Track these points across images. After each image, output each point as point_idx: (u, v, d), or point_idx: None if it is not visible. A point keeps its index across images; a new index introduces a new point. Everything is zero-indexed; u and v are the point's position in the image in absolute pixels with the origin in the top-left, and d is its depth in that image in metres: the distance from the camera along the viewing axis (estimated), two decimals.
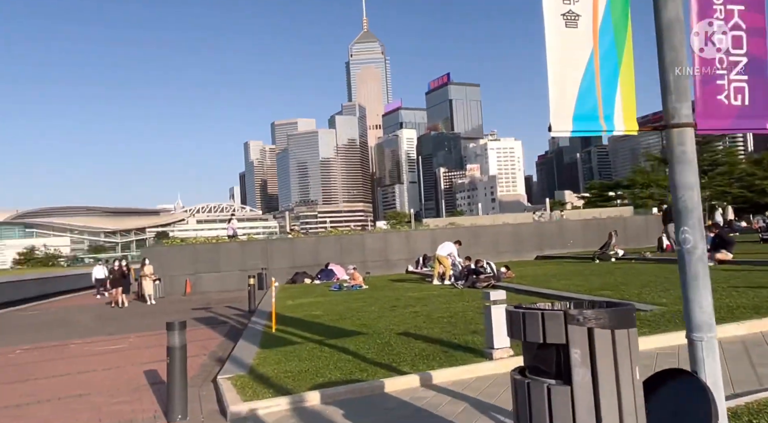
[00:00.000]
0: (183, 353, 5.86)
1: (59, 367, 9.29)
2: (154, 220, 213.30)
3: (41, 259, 78.55)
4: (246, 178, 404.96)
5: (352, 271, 19.10)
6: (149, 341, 11.47)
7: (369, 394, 5.73)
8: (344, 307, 13.20)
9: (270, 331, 10.33)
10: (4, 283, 25.70)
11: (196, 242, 25.95)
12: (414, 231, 27.15)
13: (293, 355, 7.89)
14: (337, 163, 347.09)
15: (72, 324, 16.01)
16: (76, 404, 6.70)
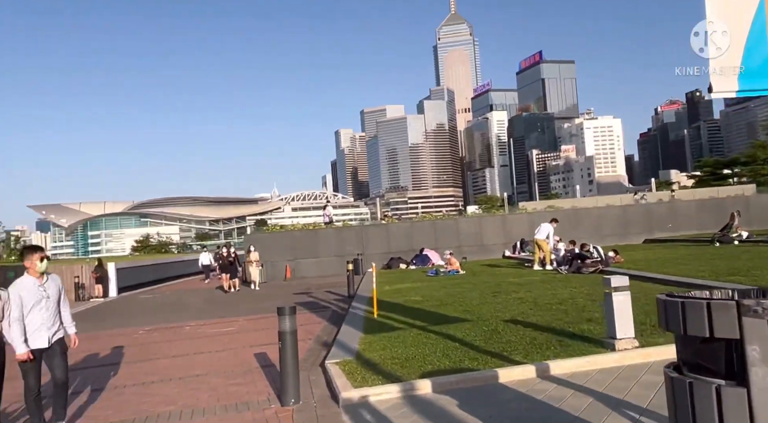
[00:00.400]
0: (294, 338, 5.90)
1: (178, 348, 9.84)
2: (253, 208, 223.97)
3: (155, 246, 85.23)
4: (337, 166, 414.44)
5: (448, 256, 18.83)
6: (257, 324, 11.91)
7: (482, 384, 5.49)
8: (444, 292, 12.99)
9: (372, 317, 10.33)
10: (125, 268, 27.90)
11: (294, 229, 26.77)
12: (510, 215, 26.37)
13: (398, 340, 7.80)
14: (426, 149, 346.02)
15: (185, 307, 17.03)
16: (196, 384, 7.00)
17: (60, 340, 5.41)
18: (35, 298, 5.17)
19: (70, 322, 5.61)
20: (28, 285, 5.21)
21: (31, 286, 5.20)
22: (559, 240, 17.37)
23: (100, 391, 7.07)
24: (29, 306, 5.14)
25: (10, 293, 5.14)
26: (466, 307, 10.26)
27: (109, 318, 15.70)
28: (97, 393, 7.01)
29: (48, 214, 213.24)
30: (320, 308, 13.76)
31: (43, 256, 5.30)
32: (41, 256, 5.28)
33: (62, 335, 5.45)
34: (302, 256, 25.24)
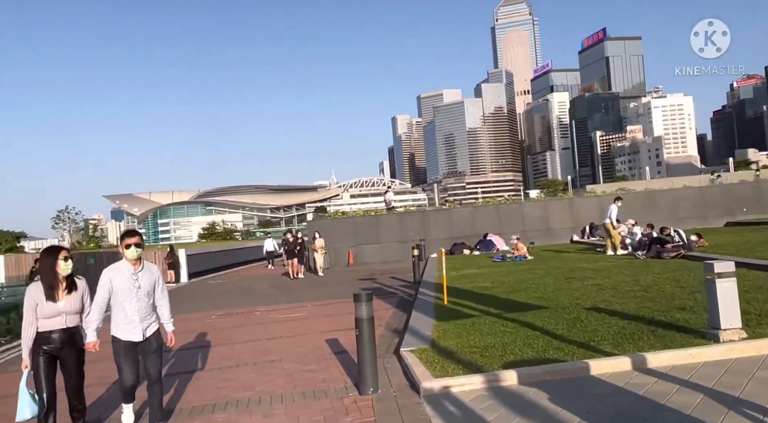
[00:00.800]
0: (371, 325, 5.72)
1: (250, 333, 9.94)
2: (313, 195, 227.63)
3: (221, 234, 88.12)
4: (394, 152, 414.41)
5: (515, 241, 18.28)
6: (325, 310, 11.91)
7: (572, 376, 5.14)
8: (513, 278, 12.56)
9: (442, 303, 10.08)
10: (195, 255, 28.82)
11: (356, 215, 26.79)
12: (578, 198, 25.33)
13: (473, 328, 7.52)
14: (484, 133, 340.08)
15: (252, 292, 17.34)
16: (271, 369, 6.99)
17: (156, 334, 5.06)
18: (126, 286, 4.81)
19: (168, 318, 5.19)
20: (121, 270, 4.86)
21: (125, 272, 4.86)
22: (634, 223, 16.48)
23: (178, 376, 7.18)
24: (119, 293, 4.81)
25: (101, 276, 4.85)
26: (541, 293, 9.83)
27: (182, 303, 16.17)
28: (176, 377, 7.12)
29: (121, 204, 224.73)
30: (387, 294, 13.63)
31: (130, 243, 4.83)
32: (130, 242, 4.84)
33: (157, 328, 5.09)
34: (364, 242, 25.25)
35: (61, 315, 4.80)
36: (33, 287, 4.83)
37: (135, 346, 4.89)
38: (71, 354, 4.90)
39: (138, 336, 4.87)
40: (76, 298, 4.89)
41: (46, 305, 4.75)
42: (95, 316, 4.85)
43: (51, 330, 4.78)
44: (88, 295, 5.01)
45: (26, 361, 4.79)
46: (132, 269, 4.88)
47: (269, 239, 30.09)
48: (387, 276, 18.45)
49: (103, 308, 4.85)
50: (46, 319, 4.77)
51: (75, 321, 4.92)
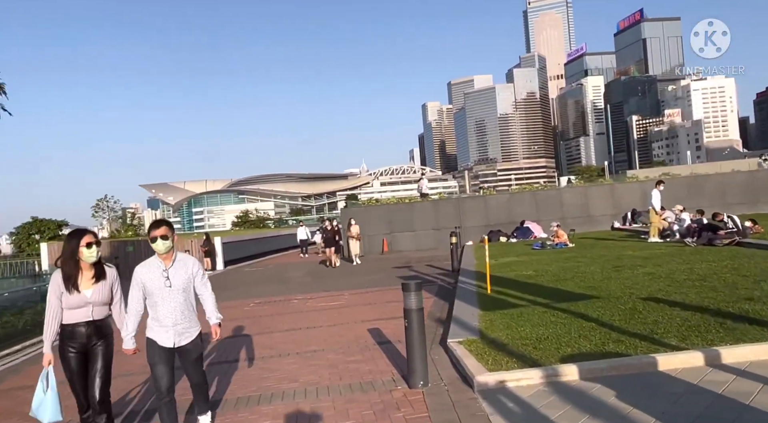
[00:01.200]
0: (420, 316, 5.47)
1: (289, 322, 9.82)
2: (343, 183, 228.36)
3: (254, 222, 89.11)
4: (425, 140, 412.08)
5: (555, 228, 17.76)
6: (363, 299, 11.72)
7: (638, 372, 4.80)
8: (557, 267, 12.15)
9: (485, 292, 9.77)
10: (231, 243, 29.07)
11: (390, 202, 26.54)
12: (619, 184, 24.53)
13: (522, 319, 7.20)
14: (515, 119, 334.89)
15: (289, 280, 17.31)
16: (314, 360, 6.82)
17: (195, 341, 4.48)
18: (156, 285, 4.28)
19: (213, 310, 4.60)
20: (151, 267, 4.34)
21: (154, 268, 4.32)
22: (682, 209, 15.80)
23: (221, 365, 7.09)
24: (151, 292, 4.30)
25: (133, 274, 4.38)
26: (589, 282, 9.42)
27: (219, 290, 16.16)
28: (218, 366, 7.02)
29: (157, 193, 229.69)
30: (425, 283, 13.33)
31: (155, 235, 4.25)
32: (155, 234, 4.26)
33: (196, 336, 4.50)
34: (398, 229, 25.01)
35: (88, 306, 4.31)
36: (56, 274, 4.35)
37: (170, 351, 4.38)
38: (99, 349, 4.38)
39: (170, 342, 4.34)
40: (104, 288, 4.39)
41: (71, 295, 4.27)
42: (131, 322, 4.37)
43: (76, 322, 4.30)
44: (119, 285, 4.55)
45: (48, 355, 4.30)
46: (162, 265, 4.33)
47: (302, 227, 30.22)
48: (423, 264, 18.19)
49: (140, 311, 4.36)
50: (71, 309, 4.29)
51: (103, 313, 4.43)
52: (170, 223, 4.42)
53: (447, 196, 29.63)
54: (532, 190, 26.09)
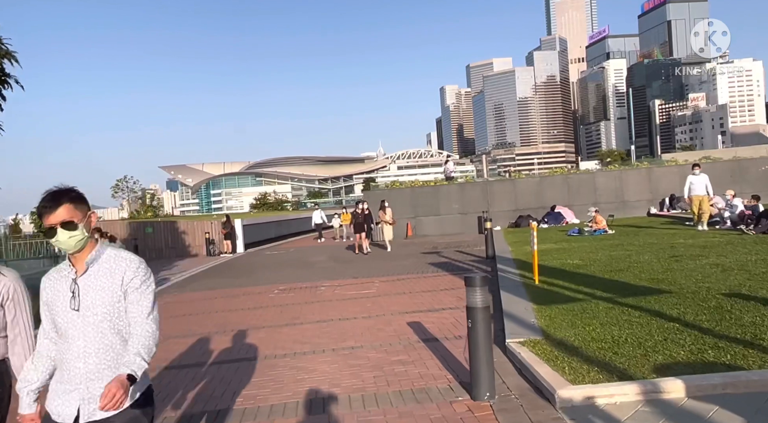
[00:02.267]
0: (487, 315, 4.68)
1: (319, 311, 9.09)
2: (360, 167, 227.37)
3: (272, 204, 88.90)
4: (443, 123, 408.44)
5: (594, 213, 16.79)
6: (396, 287, 10.95)
7: (763, 390, 3.95)
8: (605, 255, 11.25)
9: (532, 283, 8.94)
10: (251, 225, 28.48)
11: (415, 185, 25.67)
12: (657, 167, 23.36)
13: (587, 315, 6.37)
14: (535, 103, 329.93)
15: (312, 265, 16.60)
16: (354, 359, 6.07)
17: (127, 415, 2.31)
18: (60, 308, 2.38)
19: (137, 347, 2.31)
20: (58, 277, 2.43)
21: (62, 280, 2.41)
22: (734, 194, 14.74)
23: (249, 361, 6.37)
24: (55, 321, 2.41)
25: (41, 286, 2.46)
26: (650, 274, 8.52)
27: (242, 275, 15.62)
28: (247, 363, 6.31)
29: (176, 174, 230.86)
30: (460, 270, 12.56)
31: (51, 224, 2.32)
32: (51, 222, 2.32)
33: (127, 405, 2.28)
34: (423, 213, 24.17)
35: None
36: None
37: None
38: None
39: (70, 413, 2.32)
40: None
41: None
42: (33, 368, 2.48)
43: None
44: (22, 303, 2.83)
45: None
46: (71, 271, 2.40)
47: (318, 211, 28.83)
48: (452, 249, 17.38)
49: (49, 350, 2.46)
50: None
51: None
52: (78, 196, 2.40)
53: (474, 179, 28.57)
54: (563, 173, 25.01)
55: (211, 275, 16.28)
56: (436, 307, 8.60)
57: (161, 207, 59.39)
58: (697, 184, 14.85)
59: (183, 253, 25.41)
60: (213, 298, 11.61)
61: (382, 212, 19.16)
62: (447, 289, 10.16)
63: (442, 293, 9.71)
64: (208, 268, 18.40)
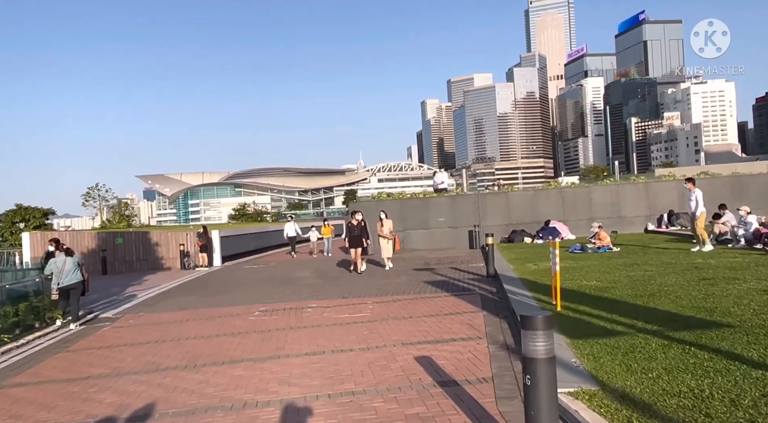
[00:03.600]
0: (551, 370, 3.47)
1: (308, 340, 7.81)
2: (340, 179, 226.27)
3: (251, 215, 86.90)
4: (423, 137, 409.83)
5: (597, 229, 15.79)
6: (394, 310, 9.71)
7: None
8: (622, 276, 10.18)
9: (553, 309, 7.79)
10: (229, 237, 26.99)
11: (403, 197, 24.51)
12: (654, 182, 22.60)
13: (641, 355, 5.23)
14: (515, 118, 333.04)
15: (296, 282, 15.28)
16: (357, 411, 4.82)
17: None
18: None
19: None
20: None
21: None
22: (749, 211, 13.87)
23: (225, 412, 5.08)
24: None
25: None
26: (690, 300, 7.44)
27: (218, 292, 14.23)
28: (222, 415, 5.01)
29: (153, 184, 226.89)
30: (460, 290, 11.39)
31: None
32: None
33: None
34: (412, 226, 23.02)
35: None
36: None
37: None
38: None
39: None
40: None
41: None
42: None
43: None
44: None
45: None
46: None
47: (290, 223, 25.97)
48: (445, 266, 16.24)
49: None
50: None
51: None
52: None
53: (465, 191, 27.53)
54: (557, 186, 24.13)
55: (185, 292, 14.85)
56: (445, 336, 7.40)
57: (135, 216, 57.18)
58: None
59: (155, 266, 23.82)
60: (184, 321, 10.25)
61: (380, 224, 16.79)
62: (452, 313, 8.97)
63: (448, 319, 8.52)
64: (182, 284, 16.94)
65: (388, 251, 16.71)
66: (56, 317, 10.31)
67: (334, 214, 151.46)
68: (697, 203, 13.69)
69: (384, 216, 16.94)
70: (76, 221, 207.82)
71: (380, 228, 16.66)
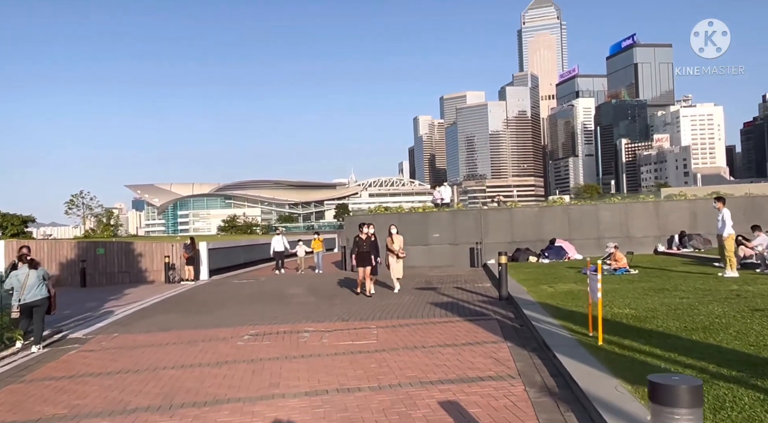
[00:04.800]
0: None
1: (306, 374, 6.64)
2: (331, 193, 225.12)
3: (241, 227, 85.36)
4: (415, 153, 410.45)
5: (612, 250, 14.78)
6: (402, 337, 8.55)
7: None
8: (656, 303, 9.13)
9: (592, 342, 6.71)
10: (218, 249, 25.71)
11: (401, 211, 23.45)
12: (665, 202, 21.73)
13: (739, 415, 4.14)
14: (506, 137, 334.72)
15: (288, 300, 14.09)
16: None
17: None
18: None
19: None
20: None
21: None
22: None
23: None
24: None
25: None
26: (757, 337, 6.37)
27: (204, 309, 13.00)
28: None
29: (142, 194, 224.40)
30: (473, 314, 10.28)
31: None
32: None
33: None
34: (410, 242, 21.75)
35: None
36: None
37: None
38: None
39: None
40: None
41: None
42: None
43: None
44: None
45: None
46: None
47: (279, 236, 24.11)
48: (449, 285, 15.15)
49: None
50: None
51: None
52: None
53: (466, 206, 26.52)
54: (562, 203, 23.17)
55: (167, 308, 13.59)
56: (470, 373, 6.27)
57: (121, 225, 55.62)
58: None
59: (138, 278, 22.48)
60: (163, 345, 9.03)
61: (390, 240, 14.72)
62: (471, 343, 7.84)
63: (468, 351, 7.39)
64: (165, 299, 15.67)
65: (398, 271, 14.63)
66: (16, 338, 9.05)
67: (325, 228, 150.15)
68: (724, 224, 12.78)
69: (395, 231, 14.96)
70: (60, 230, 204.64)
71: (390, 243, 14.70)
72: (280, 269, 23.00)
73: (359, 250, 13.89)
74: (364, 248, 13.87)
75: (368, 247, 13.90)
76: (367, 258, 13.82)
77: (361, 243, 13.95)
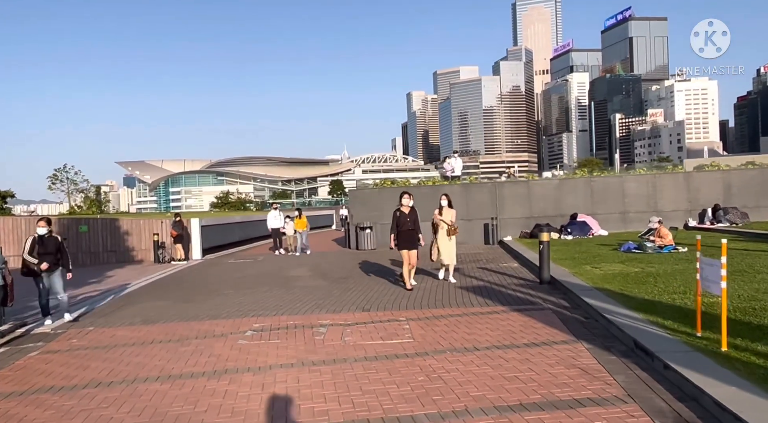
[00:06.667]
0: None
1: (333, 392, 4.96)
2: (324, 169, 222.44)
3: (234, 204, 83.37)
4: (408, 129, 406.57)
5: (657, 225, 13.17)
6: (442, 333, 6.86)
7: None
8: (749, 290, 7.59)
9: (713, 348, 5.09)
10: (211, 226, 23.90)
11: (408, 184, 21.72)
12: (697, 173, 20.13)
13: None
14: (500, 112, 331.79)
15: (293, 283, 12.42)
16: None
17: None
18: None
19: None
20: None
21: None
22: None
23: None
24: None
25: None
26: None
27: (196, 295, 11.29)
28: None
29: (133, 170, 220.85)
30: (517, 302, 8.63)
31: None
32: None
33: None
34: (420, 218, 20.20)
35: None
36: None
37: None
38: None
39: None
40: None
41: None
42: None
43: None
44: None
45: None
46: None
47: (274, 211, 21.51)
48: (472, 265, 13.58)
49: None
50: None
51: None
52: None
53: (480, 180, 24.85)
54: (585, 175, 21.51)
55: (154, 294, 11.88)
56: (558, 393, 4.62)
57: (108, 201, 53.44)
58: None
59: (125, 258, 20.72)
60: (148, 343, 7.33)
61: (437, 213, 11.46)
62: (535, 343, 6.20)
63: (537, 355, 5.75)
64: (152, 282, 13.96)
65: (450, 255, 11.15)
66: None
67: (320, 204, 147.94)
68: None
69: (446, 203, 11.43)
70: (51, 208, 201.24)
71: (437, 218, 11.35)
72: (278, 249, 20.95)
73: (402, 228, 10.62)
74: (409, 225, 10.67)
75: (413, 224, 10.73)
76: (413, 238, 10.66)
77: (404, 218, 10.67)
